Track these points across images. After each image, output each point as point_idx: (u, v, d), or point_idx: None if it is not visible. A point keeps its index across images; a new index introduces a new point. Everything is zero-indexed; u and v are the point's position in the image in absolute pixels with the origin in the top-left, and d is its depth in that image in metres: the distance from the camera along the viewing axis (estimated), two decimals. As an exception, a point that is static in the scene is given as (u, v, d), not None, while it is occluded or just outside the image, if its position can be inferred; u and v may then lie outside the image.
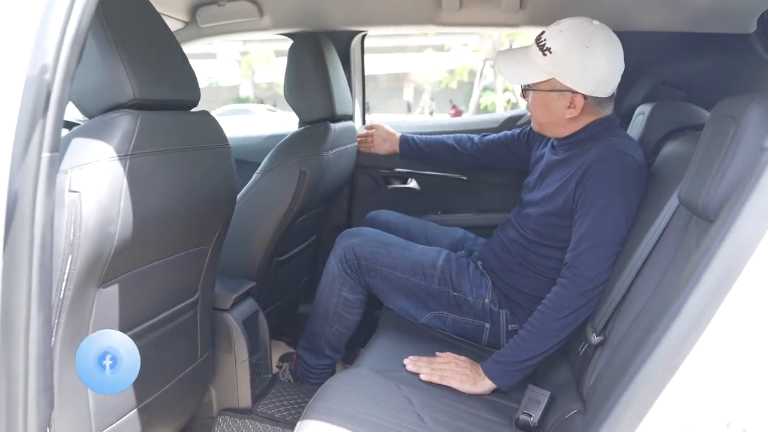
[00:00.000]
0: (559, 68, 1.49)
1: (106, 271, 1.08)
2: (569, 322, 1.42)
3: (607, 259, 1.41)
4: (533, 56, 1.53)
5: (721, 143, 0.97)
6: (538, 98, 1.57)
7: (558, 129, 1.60)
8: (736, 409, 0.69)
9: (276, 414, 1.67)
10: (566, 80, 1.50)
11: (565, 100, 1.53)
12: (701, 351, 0.69)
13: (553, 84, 1.52)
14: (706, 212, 0.97)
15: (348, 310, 1.77)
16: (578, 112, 1.53)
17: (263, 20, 2.05)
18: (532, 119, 1.66)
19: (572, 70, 1.49)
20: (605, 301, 1.34)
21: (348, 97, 2.16)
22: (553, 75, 1.51)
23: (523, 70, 1.55)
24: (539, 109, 1.58)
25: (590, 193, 1.45)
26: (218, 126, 1.36)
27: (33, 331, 0.82)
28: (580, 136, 1.58)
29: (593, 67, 1.48)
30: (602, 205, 1.43)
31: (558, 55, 1.48)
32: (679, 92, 1.99)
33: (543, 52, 1.50)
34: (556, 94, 1.53)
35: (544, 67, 1.51)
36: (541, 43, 1.52)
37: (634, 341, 1.04)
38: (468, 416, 1.34)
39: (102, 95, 1.09)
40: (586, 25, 1.50)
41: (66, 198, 0.97)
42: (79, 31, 0.81)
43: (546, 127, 1.63)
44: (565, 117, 1.55)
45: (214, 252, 1.45)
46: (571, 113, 1.54)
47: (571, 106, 1.53)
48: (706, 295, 0.68)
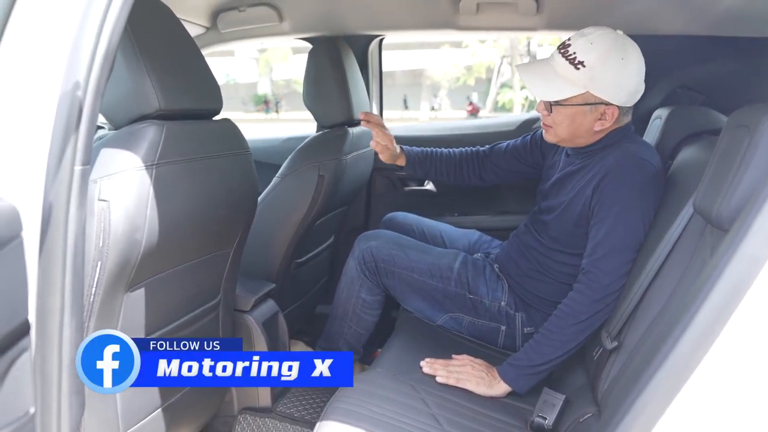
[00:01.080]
0: (595, 82, 1.45)
1: (134, 276, 1.12)
2: (584, 328, 1.43)
3: (624, 265, 1.41)
4: (563, 71, 1.47)
5: (736, 153, 0.98)
6: (564, 115, 1.51)
7: (579, 141, 1.57)
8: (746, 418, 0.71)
9: (295, 413, 1.70)
10: (602, 93, 1.46)
11: (596, 113, 1.49)
12: (712, 360, 0.70)
13: (587, 98, 1.47)
14: (720, 222, 0.98)
15: (366, 311, 1.80)
16: (609, 123, 1.50)
17: (283, 25, 2.08)
18: (548, 132, 1.58)
19: (609, 82, 1.45)
20: (620, 307, 1.35)
21: (366, 101, 2.19)
22: (588, 89, 1.46)
23: (555, 87, 1.49)
24: (565, 123, 1.52)
25: (607, 200, 1.45)
26: (240, 133, 1.40)
27: (66, 335, 0.85)
28: (598, 146, 1.56)
29: (629, 79, 1.47)
30: (619, 212, 1.43)
31: (593, 69, 1.44)
32: (698, 96, 1.99)
33: (576, 67, 1.45)
34: (588, 107, 1.49)
35: (578, 82, 1.46)
36: (570, 57, 1.46)
37: (648, 348, 1.05)
38: (483, 418, 1.36)
39: (129, 106, 1.13)
40: (615, 36, 1.46)
41: (95, 207, 1.01)
42: (110, 48, 0.84)
43: (567, 140, 1.57)
44: (594, 129, 1.52)
45: (236, 255, 1.48)
46: (601, 125, 1.51)
47: (602, 118, 1.50)
48: (717, 305, 0.70)
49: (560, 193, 1.62)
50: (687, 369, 0.69)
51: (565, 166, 1.65)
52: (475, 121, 2.72)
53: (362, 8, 2.00)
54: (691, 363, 0.69)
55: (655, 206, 1.45)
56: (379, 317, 1.83)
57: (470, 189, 2.32)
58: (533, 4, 1.84)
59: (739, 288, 0.69)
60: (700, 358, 0.68)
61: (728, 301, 0.68)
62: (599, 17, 1.95)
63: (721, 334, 0.68)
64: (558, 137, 1.57)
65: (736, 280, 0.69)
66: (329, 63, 1.96)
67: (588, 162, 1.56)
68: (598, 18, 1.96)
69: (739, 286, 0.69)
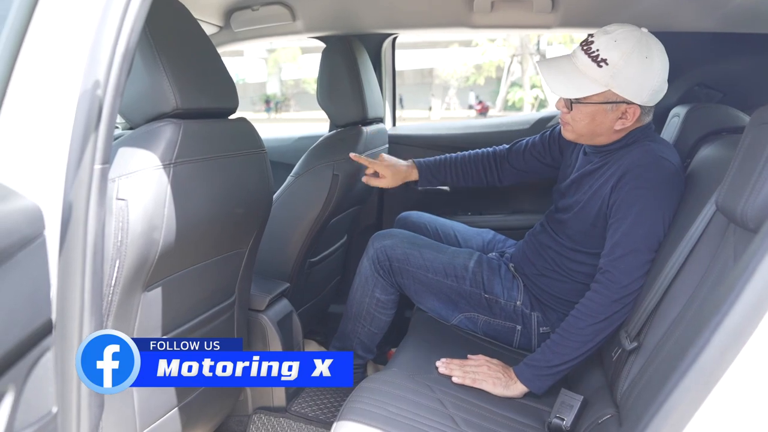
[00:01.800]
0: (618, 80, 1.43)
1: (151, 275, 1.12)
2: (602, 328, 1.41)
3: (642, 266, 1.40)
4: (585, 68, 1.46)
5: (761, 151, 0.96)
6: (585, 113, 1.49)
7: (598, 139, 1.54)
8: None
9: (310, 413, 1.70)
10: (624, 92, 1.44)
11: (617, 112, 1.47)
12: (742, 364, 0.69)
13: (608, 96, 1.45)
14: (745, 221, 0.96)
15: (380, 311, 1.80)
16: (630, 122, 1.48)
17: (296, 24, 2.08)
18: (567, 129, 1.56)
19: (632, 81, 1.43)
20: (640, 307, 1.33)
21: (379, 100, 2.18)
22: (610, 87, 1.44)
23: (577, 84, 1.47)
24: (585, 121, 1.50)
25: (626, 199, 1.44)
26: (255, 132, 1.40)
27: (86, 335, 0.85)
28: (617, 144, 1.54)
29: (652, 78, 1.45)
30: (638, 212, 1.42)
31: (616, 67, 1.42)
32: (715, 93, 1.97)
33: (598, 64, 1.43)
34: (609, 106, 1.47)
35: (600, 80, 1.44)
36: (593, 54, 1.44)
37: (670, 349, 1.04)
38: (500, 419, 1.35)
39: (146, 105, 1.13)
40: (639, 34, 1.44)
41: (114, 205, 1.01)
42: (129, 47, 0.84)
43: (585, 137, 1.56)
44: (614, 128, 1.50)
45: (251, 255, 1.48)
46: (622, 124, 1.49)
47: (623, 117, 1.48)
48: (747, 307, 0.69)
49: (578, 192, 1.60)
50: (716, 373, 0.68)
51: (583, 164, 1.64)
52: (489, 120, 2.70)
53: (376, 7, 1.99)
54: (720, 367, 0.67)
55: (674, 206, 1.43)
56: (393, 317, 1.82)
57: (484, 188, 2.31)
58: (548, 1, 1.82)
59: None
60: (730, 362, 0.67)
61: (759, 303, 0.67)
62: (614, 14, 1.93)
63: (751, 338, 0.67)
64: (576, 134, 1.55)
65: (766, 282, 0.68)
66: (343, 62, 1.96)
67: (607, 160, 1.54)
68: (613, 15, 1.95)
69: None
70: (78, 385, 0.86)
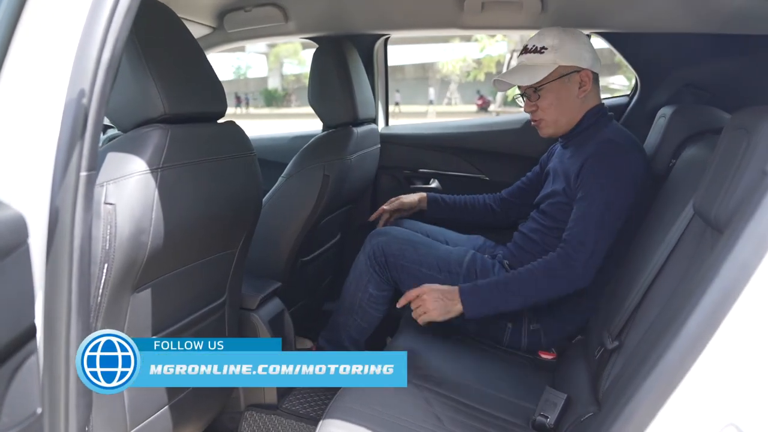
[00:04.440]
0: (560, 54, 1.67)
1: (140, 277, 1.14)
2: (550, 292, 1.57)
3: (598, 241, 1.55)
4: (531, 61, 1.70)
5: (734, 156, 0.98)
6: (550, 92, 1.69)
7: (571, 117, 1.72)
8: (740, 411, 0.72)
9: (301, 410, 1.73)
10: (570, 61, 1.67)
11: (575, 82, 1.69)
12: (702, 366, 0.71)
13: (560, 71, 1.68)
14: (718, 224, 0.98)
15: (372, 306, 1.82)
16: (589, 86, 1.69)
17: (288, 25, 2.09)
18: (545, 126, 1.74)
19: (571, 50, 1.67)
20: (621, 307, 1.35)
21: (371, 101, 2.20)
22: (557, 62, 1.67)
23: (532, 74, 1.69)
24: (553, 105, 1.70)
25: (587, 181, 1.60)
26: (244, 135, 1.41)
27: (73, 337, 0.87)
28: (583, 125, 1.72)
29: (585, 44, 1.70)
30: (597, 192, 1.57)
31: (554, 47, 1.67)
32: (703, 94, 1.99)
33: (540, 52, 1.68)
34: (566, 78, 1.68)
35: (547, 62, 1.67)
36: (532, 48, 1.70)
37: (645, 349, 1.06)
38: (486, 417, 1.38)
39: (134, 110, 1.15)
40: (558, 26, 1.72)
41: (102, 210, 1.03)
42: (114, 56, 0.86)
43: (559, 122, 1.73)
44: (579, 98, 1.70)
45: (241, 255, 1.50)
46: (584, 92, 1.69)
47: (582, 84, 1.69)
48: (708, 311, 0.71)
49: (555, 182, 1.74)
50: (678, 374, 0.70)
51: (560, 157, 1.79)
52: (482, 119, 2.72)
53: (367, 8, 2.01)
54: (682, 369, 0.70)
55: (633, 189, 1.57)
56: (384, 314, 1.85)
57: (476, 187, 2.34)
58: (538, 3, 1.84)
59: (729, 294, 0.70)
60: (690, 364, 0.69)
61: (719, 307, 0.69)
62: (604, 16, 1.95)
63: (711, 341, 0.69)
64: (554, 125, 1.74)
65: (727, 285, 0.70)
66: (334, 63, 1.98)
67: (576, 147, 1.71)
68: (603, 16, 1.97)
69: (730, 291, 0.70)
70: (66, 386, 0.88)
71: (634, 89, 2.27)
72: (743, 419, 0.70)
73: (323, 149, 1.93)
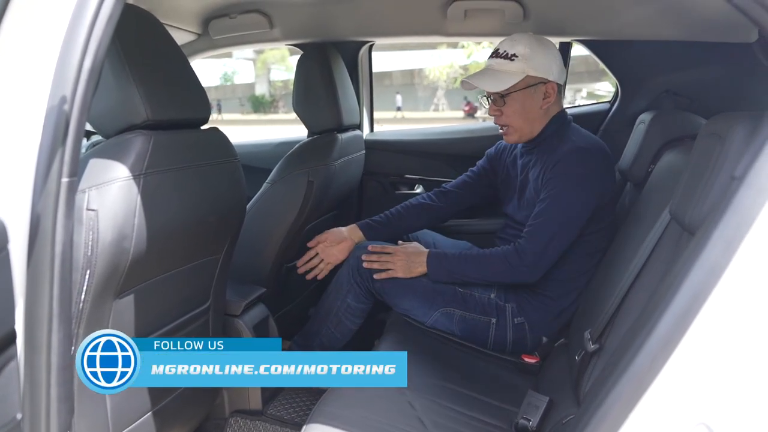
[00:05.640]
0: (530, 64, 1.68)
1: (122, 283, 1.14)
2: (500, 277, 1.71)
3: (552, 240, 1.64)
4: (501, 67, 1.71)
5: (707, 161, 1.00)
6: (516, 101, 1.72)
7: (534, 126, 1.75)
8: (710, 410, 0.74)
9: (285, 416, 1.73)
10: (538, 72, 1.69)
11: (540, 93, 1.72)
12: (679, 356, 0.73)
13: (528, 80, 1.70)
14: (692, 228, 1.00)
15: (348, 317, 1.83)
16: (553, 98, 1.72)
17: (273, 32, 2.10)
18: (508, 133, 1.78)
19: (541, 62, 1.69)
20: (602, 310, 1.37)
21: (355, 107, 2.21)
22: (526, 72, 1.68)
23: (500, 79, 1.70)
24: (518, 113, 1.73)
25: (549, 185, 1.67)
26: (227, 141, 1.42)
27: (54, 343, 0.87)
28: (547, 132, 1.75)
29: (555, 56, 1.73)
30: (557, 194, 1.64)
31: (525, 56, 1.68)
32: (682, 100, 2.02)
33: (510, 59, 1.69)
34: (532, 89, 1.71)
35: (516, 70, 1.69)
36: (503, 54, 1.71)
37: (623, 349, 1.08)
38: (468, 420, 1.39)
39: (117, 117, 1.15)
40: (530, 33, 1.74)
41: (84, 216, 1.03)
42: (95, 63, 0.87)
43: (524, 130, 1.76)
44: (543, 108, 1.73)
45: (225, 261, 1.50)
46: (547, 103, 1.73)
47: (546, 96, 1.72)
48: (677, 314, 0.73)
49: (527, 191, 1.79)
50: (649, 375, 0.72)
51: (521, 166, 1.84)
52: (464, 126, 2.74)
53: (351, 15, 2.02)
54: (653, 370, 0.71)
55: (595, 194, 1.64)
56: (358, 327, 1.86)
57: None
58: (520, 10, 1.86)
59: (699, 295, 0.72)
60: (661, 365, 0.71)
61: (688, 309, 0.71)
62: (585, 24, 1.98)
63: (681, 342, 0.71)
64: (518, 132, 1.77)
65: (697, 287, 0.72)
66: (318, 69, 1.99)
67: (540, 153, 1.75)
68: (584, 24, 2.00)
69: (700, 293, 0.72)
70: (47, 391, 0.88)
71: (615, 95, 2.31)
72: (713, 418, 0.72)
73: (308, 155, 1.94)
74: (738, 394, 0.72)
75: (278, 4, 1.91)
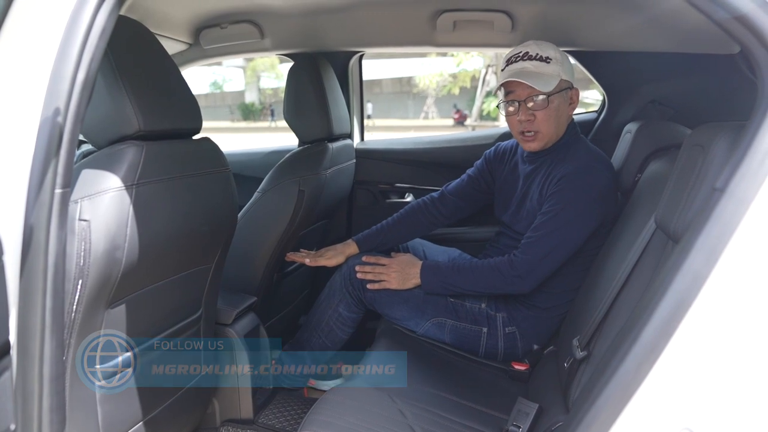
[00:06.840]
0: (563, 68, 1.67)
1: (114, 293, 1.15)
2: (494, 288, 1.69)
3: (550, 254, 1.62)
4: (538, 69, 1.66)
5: (691, 171, 1.03)
6: (554, 104, 1.67)
7: (559, 132, 1.72)
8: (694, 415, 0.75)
9: (277, 425, 1.73)
10: (568, 76, 1.68)
11: (567, 98, 1.70)
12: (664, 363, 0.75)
13: (561, 84, 1.67)
14: (677, 237, 1.02)
15: (339, 326, 1.84)
16: (576, 105, 1.72)
17: (264, 42, 2.11)
18: (536, 139, 1.70)
19: (568, 67, 1.70)
20: (590, 317, 1.39)
21: (346, 117, 2.22)
22: (561, 76, 1.66)
23: (545, 80, 1.65)
24: (552, 118, 1.68)
25: (553, 199, 1.64)
26: (219, 151, 1.43)
27: (47, 354, 0.88)
28: (561, 141, 1.73)
29: (572, 64, 1.74)
30: (559, 211, 1.62)
31: (557, 59, 1.66)
32: (668, 110, 2.05)
33: (546, 62, 1.66)
34: (565, 93, 1.69)
35: (553, 72, 1.66)
36: (537, 56, 1.66)
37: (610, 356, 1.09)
38: (459, 428, 1.40)
39: (109, 128, 1.16)
40: None
41: (76, 226, 1.04)
42: (89, 76, 0.88)
43: (552, 136, 1.71)
44: (568, 114, 1.73)
45: (216, 270, 1.51)
46: (572, 109, 1.72)
47: (572, 102, 1.71)
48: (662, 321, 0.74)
49: (527, 199, 1.76)
50: (635, 381, 0.73)
51: (523, 171, 1.82)
52: (455, 134, 2.76)
53: (341, 25, 2.03)
54: (638, 376, 0.73)
55: (598, 215, 1.62)
56: (350, 336, 1.87)
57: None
58: (508, 21, 1.88)
59: (682, 303, 0.74)
60: (646, 372, 0.73)
61: (672, 316, 0.73)
62: (572, 34, 2.00)
63: (666, 349, 0.72)
64: (545, 138, 1.71)
65: (680, 295, 0.74)
66: (308, 79, 2.00)
67: (545, 165, 1.73)
68: (571, 35, 2.02)
69: (683, 301, 0.74)
70: (39, 402, 0.89)
71: (602, 105, 2.34)
72: (697, 423, 0.74)
73: (298, 165, 1.95)
74: (721, 399, 0.74)
75: (269, 14, 1.92)
